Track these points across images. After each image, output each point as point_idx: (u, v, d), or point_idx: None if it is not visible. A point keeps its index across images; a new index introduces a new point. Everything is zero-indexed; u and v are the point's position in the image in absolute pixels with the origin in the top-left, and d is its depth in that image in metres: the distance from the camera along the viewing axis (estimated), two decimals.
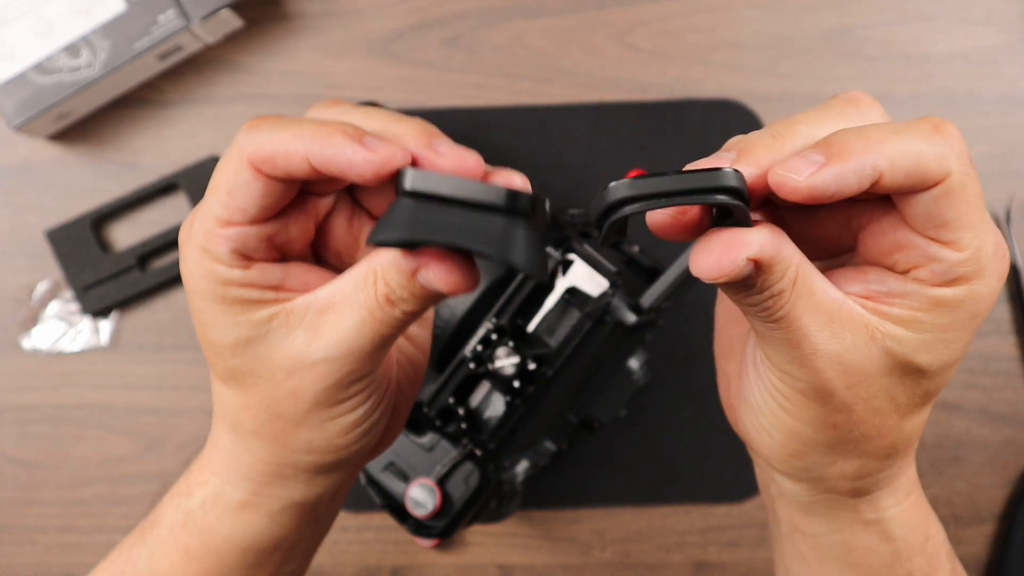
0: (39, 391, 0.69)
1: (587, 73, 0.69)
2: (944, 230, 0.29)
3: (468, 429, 0.56)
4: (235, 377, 0.34)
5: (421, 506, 0.55)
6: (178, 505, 0.38)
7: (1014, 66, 0.68)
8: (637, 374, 0.61)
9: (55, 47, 0.65)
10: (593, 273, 0.54)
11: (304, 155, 0.30)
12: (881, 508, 0.36)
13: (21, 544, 0.69)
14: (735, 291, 0.31)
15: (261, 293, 0.33)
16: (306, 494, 0.37)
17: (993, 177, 0.68)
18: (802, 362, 0.31)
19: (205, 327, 0.33)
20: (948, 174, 0.29)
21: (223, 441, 0.37)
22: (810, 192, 0.28)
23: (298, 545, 0.39)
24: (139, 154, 0.70)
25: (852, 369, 0.31)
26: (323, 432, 0.34)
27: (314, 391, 0.33)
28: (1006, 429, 0.68)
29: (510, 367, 0.55)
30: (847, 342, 0.30)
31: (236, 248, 0.32)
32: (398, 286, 0.31)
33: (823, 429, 0.33)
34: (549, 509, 0.68)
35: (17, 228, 0.69)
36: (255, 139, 0.31)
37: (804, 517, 0.37)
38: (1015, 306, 0.68)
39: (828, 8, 0.69)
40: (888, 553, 0.37)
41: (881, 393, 0.32)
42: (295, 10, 0.70)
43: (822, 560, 0.38)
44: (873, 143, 0.29)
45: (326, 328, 0.32)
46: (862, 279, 0.31)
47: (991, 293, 0.31)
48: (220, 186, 0.32)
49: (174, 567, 0.38)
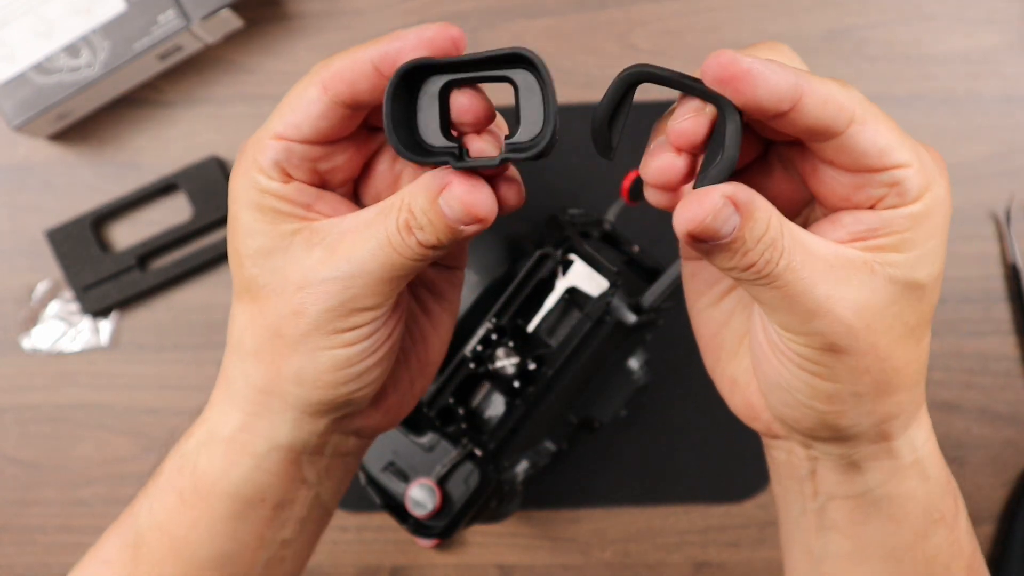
0: (39, 391, 0.69)
1: (587, 73, 0.69)
2: (886, 155, 0.32)
3: (468, 429, 0.56)
4: (249, 290, 0.36)
5: (421, 506, 0.55)
6: (178, 450, 0.40)
7: (1014, 66, 0.68)
8: (637, 374, 0.61)
9: (55, 47, 0.65)
10: (593, 273, 0.54)
11: (368, 59, 0.33)
12: (917, 446, 0.37)
13: (21, 544, 0.69)
14: (730, 255, 0.32)
15: (292, 208, 0.35)
16: (290, 437, 0.37)
17: (993, 177, 0.68)
18: (820, 314, 0.32)
19: (235, 234, 0.35)
20: (856, 108, 0.31)
21: (226, 365, 0.38)
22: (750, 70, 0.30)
23: (287, 507, 0.39)
24: (139, 154, 0.70)
25: (866, 307, 0.32)
26: (314, 362, 0.35)
27: (317, 310, 0.34)
28: (1006, 429, 0.68)
29: (510, 367, 0.55)
30: (853, 283, 0.32)
31: (278, 160, 0.34)
32: (420, 211, 0.32)
33: (859, 378, 0.34)
34: (549, 509, 0.68)
35: (17, 228, 0.69)
36: (326, 63, 0.34)
37: (847, 480, 0.38)
38: (1015, 306, 0.68)
39: (828, 8, 0.69)
40: (925, 496, 0.38)
41: (896, 322, 0.33)
42: (295, 10, 0.70)
43: (863, 521, 0.38)
44: (801, 73, 0.31)
45: (342, 248, 0.34)
46: (840, 225, 0.33)
47: (947, 193, 0.33)
48: (285, 102, 0.34)
49: (169, 515, 0.39)
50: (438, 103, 0.33)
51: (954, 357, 0.68)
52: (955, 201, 0.68)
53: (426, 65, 0.32)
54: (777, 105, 0.31)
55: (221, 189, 0.68)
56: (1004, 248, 0.68)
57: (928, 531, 0.38)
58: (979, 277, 0.68)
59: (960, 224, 0.68)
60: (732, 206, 0.31)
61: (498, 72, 0.32)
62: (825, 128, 0.31)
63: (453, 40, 0.32)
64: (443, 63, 0.32)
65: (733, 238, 0.31)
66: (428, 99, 0.33)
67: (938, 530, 0.38)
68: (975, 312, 0.68)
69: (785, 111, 0.31)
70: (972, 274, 0.68)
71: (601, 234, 0.61)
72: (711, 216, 0.31)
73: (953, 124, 0.68)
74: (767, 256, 0.31)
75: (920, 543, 0.38)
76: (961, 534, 0.39)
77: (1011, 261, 0.67)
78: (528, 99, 0.32)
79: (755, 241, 0.31)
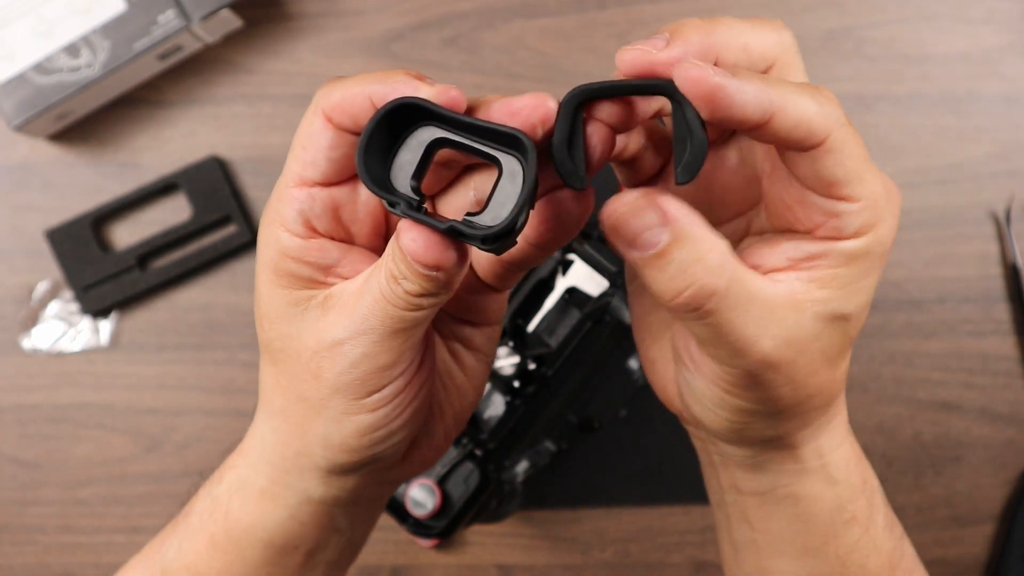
0: (39, 391, 0.69)
1: (587, 73, 0.69)
2: (836, 187, 0.31)
3: (468, 429, 0.56)
4: (271, 352, 0.35)
5: (421, 506, 0.55)
6: (208, 492, 0.39)
7: (1014, 66, 0.68)
8: (637, 374, 0.61)
9: (55, 47, 0.65)
10: (593, 273, 0.54)
11: (366, 94, 0.32)
12: (824, 453, 0.37)
13: (21, 544, 0.69)
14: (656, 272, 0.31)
15: (312, 272, 0.34)
16: (322, 493, 0.37)
17: (993, 177, 0.68)
18: (745, 353, 0.32)
19: (259, 295, 0.35)
20: (829, 133, 0.30)
21: (257, 420, 0.38)
22: (721, 86, 0.29)
23: (319, 552, 0.39)
24: (139, 154, 0.70)
25: (791, 343, 0.32)
26: (340, 427, 0.35)
27: (333, 373, 0.34)
28: (1006, 429, 0.68)
29: (510, 367, 0.55)
30: (782, 322, 0.32)
31: (303, 211, 0.33)
32: (399, 260, 0.32)
33: (772, 403, 0.34)
34: (549, 509, 0.68)
35: (17, 228, 0.69)
36: (328, 92, 0.33)
37: (751, 478, 0.38)
38: (1015, 306, 0.68)
39: (828, 8, 0.69)
40: (833, 498, 0.38)
41: (818, 355, 0.33)
42: (295, 10, 0.70)
43: (769, 518, 0.39)
44: (775, 88, 0.30)
45: (348, 308, 0.33)
46: (778, 250, 0.33)
47: (891, 231, 0.33)
48: (297, 141, 0.33)
49: (200, 558, 0.39)
50: (422, 154, 0.32)
51: (954, 357, 0.68)
52: (955, 201, 0.68)
53: (424, 108, 0.31)
54: (744, 123, 0.30)
55: (221, 189, 0.69)
56: (1004, 248, 0.68)
57: (839, 531, 0.38)
58: (979, 277, 0.68)
59: (960, 224, 0.68)
60: (658, 212, 0.30)
61: (489, 147, 0.31)
62: (789, 146, 0.31)
63: (452, 99, 0.31)
64: (442, 114, 0.31)
65: (659, 252, 0.31)
66: (415, 144, 0.32)
67: (851, 530, 0.39)
68: (975, 312, 0.68)
69: (752, 128, 0.30)
70: (972, 274, 0.68)
71: (601, 234, 0.61)
72: (627, 209, 0.31)
73: (953, 124, 0.68)
74: (698, 290, 0.31)
75: (832, 541, 0.39)
76: (878, 533, 0.39)
77: (1011, 261, 0.67)
78: (506, 186, 0.31)
79: (686, 266, 0.31)
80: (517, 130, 0.30)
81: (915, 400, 0.68)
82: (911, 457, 0.68)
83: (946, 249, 0.68)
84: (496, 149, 0.31)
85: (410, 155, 0.32)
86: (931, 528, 0.67)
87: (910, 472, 0.68)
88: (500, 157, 0.31)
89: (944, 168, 0.68)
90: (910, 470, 0.68)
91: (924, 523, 0.67)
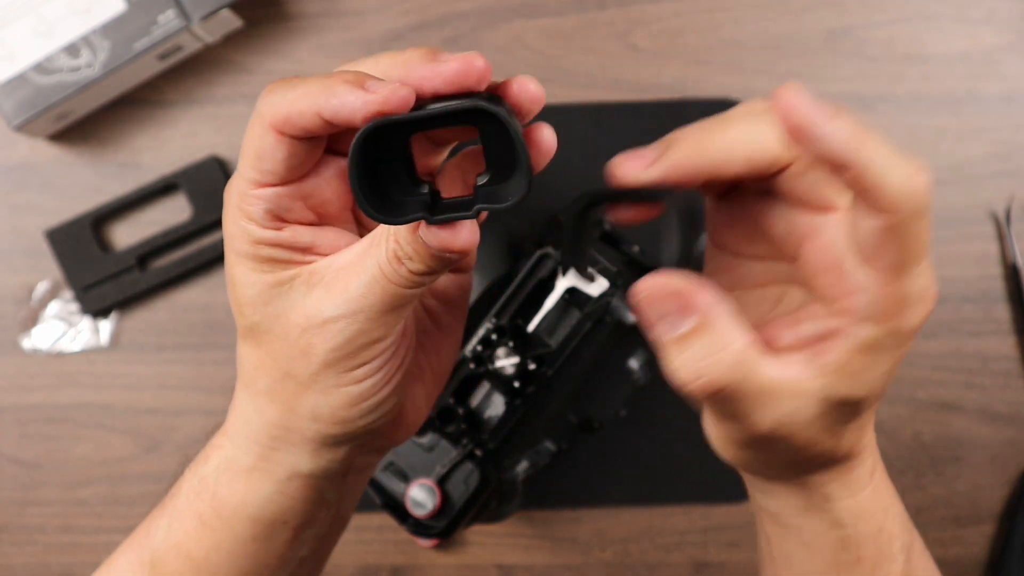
0: (39, 391, 0.69)
1: (587, 73, 0.69)
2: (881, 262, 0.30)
3: (468, 429, 0.56)
4: (254, 334, 0.35)
5: (421, 506, 0.55)
6: (194, 472, 0.39)
7: (1014, 66, 0.68)
8: (637, 374, 0.61)
9: (55, 47, 0.65)
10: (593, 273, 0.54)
11: (314, 110, 0.31)
12: (832, 499, 0.37)
13: (21, 544, 0.69)
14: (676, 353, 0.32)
15: (290, 254, 0.34)
16: (311, 466, 0.37)
17: (993, 177, 0.68)
18: (743, 428, 0.33)
19: (234, 282, 0.35)
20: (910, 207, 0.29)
21: (238, 402, 0.37)
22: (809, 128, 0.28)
23: (308, 527, 0.39)
24: (139, 154, 0.70)
25: (793, 423, 0.33)
26: (329, 399, 0.35)
27: (324, 349, 0.34)
28: (1006, 429, 0.68)
29: (510, 367, 0.55)
30: (784, 407, 0.32)
31: (270, 208, 0.33)
32: (404, 241, 0.32)
33: (769, 459, 0.35)
34: (549, 509, 0.68)
35: (17, 228, 0.69)
36: (271, 102, 0.32)
37: (763, 498, 0.39)
38: (1015, 306, 0.68)
39: (828, 8, 0.69)
40: (837, 538, 0.38)
41: (818, 429, 0.33)
42: (295, 10, 0.70)
43: (781, 538, 0.40)
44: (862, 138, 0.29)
45: (340, 285, 0.33)
46: (795, 329, 0.33)
47: (913, 329, 0.32)
48: (248, 151, 0.33)
49: (189, 537, 0.39)
50: (402, 155, 0.31)
51: (954, 357, 0.68)
52: (955, 201, 0.68)
53: (386, 125, 0.30)
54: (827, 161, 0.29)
55: (221, 189, 0.68)
56: (1004, 248, 0.68)
57: (842, 570, 0.39)
58: (979, 277, 0.68)
59: (960, 224, 0.68)
60: (686, 301, 0.31)
61: (458, 119, 0.30)
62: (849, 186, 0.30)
63: (402, 100, 0.30)
64: (402, 121, 0.30)
65: (680, 336, 0.32)
66: (391, 153, 0.31)
67: (856, 570, 0.39)
68: (975, 312, 0.68)
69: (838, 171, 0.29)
70: (972, 274, 0.68)
71: (601, 234, 0.61)
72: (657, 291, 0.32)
73: (953, 124, 0.68)
74: (710, 383, 0.32)
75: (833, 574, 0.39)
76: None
77: (1011, 261, 0.67)
78: (497, 145, 0.31)
79: (702, 356, 0.31)
80: (474, 102, 0.30)
81: (915, 400, 0.68)
82: (911, 457, 0.68)
83: (946, 249, 0.68)
84: (464, 118, 0.30)
85: (394, 161, 0.31)
86: (931, 528, 0.67)
87: (910, 472, 0.68)
88: (472, 116, 0.30)
89: (944, 168, 0.68)
90: (910, 470, 0.68)
91: (924, 523, 0.67)
